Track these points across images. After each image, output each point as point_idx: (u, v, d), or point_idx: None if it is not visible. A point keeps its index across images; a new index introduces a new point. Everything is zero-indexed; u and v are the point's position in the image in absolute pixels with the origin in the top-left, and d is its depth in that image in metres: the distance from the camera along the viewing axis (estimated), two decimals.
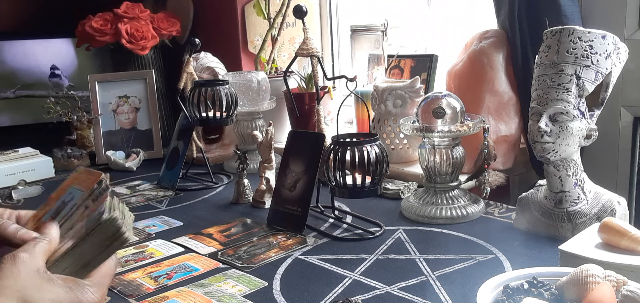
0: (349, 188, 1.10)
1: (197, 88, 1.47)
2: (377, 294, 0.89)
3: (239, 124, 1.67)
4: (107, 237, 0.61)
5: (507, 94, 1.37)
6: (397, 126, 1.47)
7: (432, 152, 1.19)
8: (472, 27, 1.60)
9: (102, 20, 2.07)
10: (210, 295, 0.92)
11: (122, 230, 0.60)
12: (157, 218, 1.33)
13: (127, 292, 0.95)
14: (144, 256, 1.10)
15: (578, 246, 0.86)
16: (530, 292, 0.76)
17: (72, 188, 0.68)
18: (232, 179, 1.63)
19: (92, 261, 0.61)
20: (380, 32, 1.63)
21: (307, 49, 1.25)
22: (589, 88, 0.96)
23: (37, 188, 1.61)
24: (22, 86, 2.38)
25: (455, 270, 0.96)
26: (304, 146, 1.25)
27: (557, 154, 0.99)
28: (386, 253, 1.05)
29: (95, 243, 0.61)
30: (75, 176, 0.69)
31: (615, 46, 0.97)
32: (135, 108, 1.99)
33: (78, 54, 2.49)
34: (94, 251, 0.61)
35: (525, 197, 1.10)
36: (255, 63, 1.96)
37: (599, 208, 1.00)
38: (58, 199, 0.68)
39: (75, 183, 0.68)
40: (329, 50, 2.13)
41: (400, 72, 1.67)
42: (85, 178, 0.67)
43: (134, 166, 1.83)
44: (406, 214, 1.23)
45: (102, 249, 0.61)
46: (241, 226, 1.24)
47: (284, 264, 1.03)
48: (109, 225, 0.60)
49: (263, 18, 1.97)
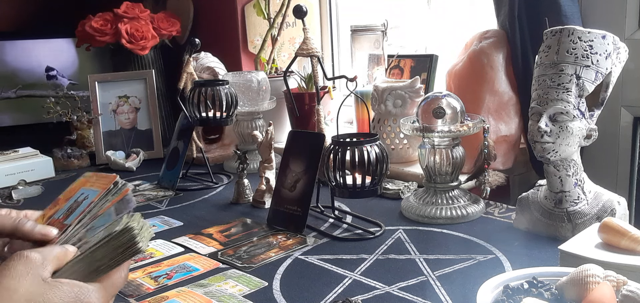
0: (349, 188, 1.10)
1: (197, 88, 1.47)
2: (377, 294, 0.89)
3: (239, 124, 1.67)
4: (119, 244, 0.61)
5: (507, 94, 1.37)
6: (397, 126, 1.47)
7: (432, 152, 1.19)
8: (472, 27, 1.60)
9: (102, 20, 2.07)
10: (210, 295, 0.92)
11: (136, 240, 0.60)
12: (157, 218, 1.33)
13: (127, 292, 0.95)
14: (144, 256, 1.10)
15: (578, 246, 0.86)
16: (530, 292, 0.76)
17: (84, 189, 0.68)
18: (232, 179, 1.63)
19: (102, 268, 0.61)
20: (380, 32, 1.63)
21: (307, 49, 1.25)
22: (589, 88, 0.96)
23: (37, 188, 1.61)
24: (23, 86, 2.38)
25: (455, 270, 0.96)
26: (304, 146, 1.25)
27: (557, 154, 0.99)
28: (386, 253, 1.05)
29: (108, 249, 0.61)
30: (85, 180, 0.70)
31: (615, 46, 0.97)
32: (135, 108, 1.99)
33: (78, 54, 2.49)
34: (105, 257, 0.61)
35: (525, 197, 1.10)
36: (255, 63, 1.96)
37: (599, 208, 1.00)
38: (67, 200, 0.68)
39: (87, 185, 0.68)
40: (329, 50, 2.13)
41: (400, 72, 1.67)
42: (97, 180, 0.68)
43: (134, 166, 1.83)
44: (406, 214, 1.23)
45: (113, 256, 0.61)
46: (241, 226, 1.24)
47: (284, 264, 1.03)
48: (123, 233, 0.60)
49: (263, 18, 1.98)
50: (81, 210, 0.65)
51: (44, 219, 0.68)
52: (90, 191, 0.67)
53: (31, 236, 0.63)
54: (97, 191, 0.66)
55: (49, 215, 0.68)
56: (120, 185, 0.65)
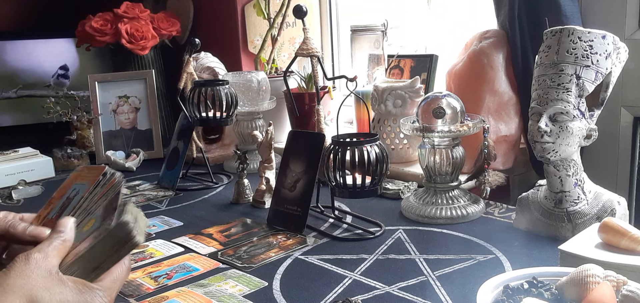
0: (349, 188, 1.10)
1: (197, 88, 1.47)
2: (377, 294, 0.89)
3: (239, 124, 1.67)
4: (117, 240, 0.60)
5: (507, 94, 1.37)
6: (397, 126, 1.47)
7: (432, 152, 1.19)
8: (472, 27, 1.60)
9: (102, 20, 2.07)
10: (210, 295, 0.92)
11: (132, 234, 0.60)
12: (157, 218, 1.33)
13: (127, 292, 0.95)
14: (144, 256, 1.10)
15: (578, 246, 0.86)
16: (530, 292, 0.76)
17: (75, 185, 0.67)
18: (232, 179, 1.63)
19: (102, 265, 0.61)
20: (380, 32, 1.63)
21: (307, 49, 1.25)
22: (589, 88, 0.96)
23: (37, 188, 1.61)
24: (24, 86, 2.38)
25: (455, 270, 0.96)
26: (304, 146, 1.25)
27: (557, 154, 0.99)
28: (386, 253, 1.05)
29: (105, 246, 0.60)
30: (76, 174, 0.69)
31: (615, 46, 0.97)
32: (135, 108, 2.00)
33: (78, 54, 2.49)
34: (104, 254, 0.60)
35: (525, 197, 1.10)
36: (255, 63, 1.96)
37: (599, 208, 1.00)
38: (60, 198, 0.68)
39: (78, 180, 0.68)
40: (329, 50, 2.13)
41: (400, 72, 1.67)
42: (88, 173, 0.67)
43: (134, 166, 1.83)
44: (406, 214, 1.23)
45: (112, 252, 0.60)
46: (241, 226, 1.24)
47: (284, 264, 1.03)
48: (120, 229, 0.60)
49: (263, 18, 1.98)
50: (72, 206, 0.65)
51: (39, 220, 0.67)
52: (81, 186, 0.66)
53: (23, 238, 0.62)
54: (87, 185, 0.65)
55: (44, 215, 0.67)
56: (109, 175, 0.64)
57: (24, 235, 0.62)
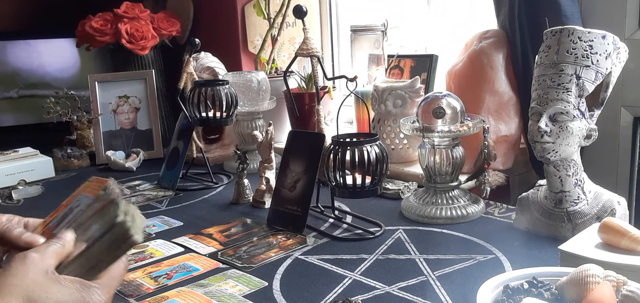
0: (349, 188, 1.10)
1: (197, 88, 1.47)
2: (377, 294, 0.89)
3: (239, 124, 1.67)
4: (114, 240, 0.60)
5: (507, 94, 1.37)
6: (397, 126, 1.47)
7: (432, 152, 1.19)
8: (472, 27, 1.60)
9: (102, 20, 2.07)
10: (210, 295, 0.92)
11: (130, 233, 0.60)
12: (157, 218, 1.33)
13: (127, 291, 0.95)
14: (144, 256, 1.10)
15: (578, 246, 0.86)
16: (530, 292, 0.76)
17: (81, 196, 0.68)
18: (232, 179, 1.63)
19: (100, 264, 0.61)
20: (380, 32, 1.63)
21: (307, 49, 1.25)
22: (589, 88, 0.96)
23: (37, 188, 1.61)
24: (25, 86, 2.38)
25: (455, 270, 0.96)
26: (304, 146, 1.25)
27: (557, 154, 0.99)
28: (386, 253, 1.05)
29: (103, 246, 0.60)
30: (86, 185, 0.70)
31: (615, 46, 0.97)
32: (135, 108, 1.99)
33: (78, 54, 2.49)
34: (101, 254, 0.61)
35: (525, 197, 1.10)
36: (255, 63, 1.96)
37: (599, 208, 1.00)
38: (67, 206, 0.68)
39: (85, 191, 0.68)
40: (329, 50, 2.13)
41: (400, 72, 1.67)
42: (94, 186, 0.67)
43: (134, 166, 1.83)
44: (406, 214, 1.23)
45: (110, 252, 0.61)
46: (241, 226, 1.24)
47: (284, 264, 1.03)
48: (117, 228, 0.60)
49: (263, 18, 1.98)
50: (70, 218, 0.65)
51: (43, 226, 0.67)
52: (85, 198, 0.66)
53: (18, 242, 0.62)
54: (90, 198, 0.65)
55: (48, 222, 0.67)
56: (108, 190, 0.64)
57: (18, 241, 0.63)
